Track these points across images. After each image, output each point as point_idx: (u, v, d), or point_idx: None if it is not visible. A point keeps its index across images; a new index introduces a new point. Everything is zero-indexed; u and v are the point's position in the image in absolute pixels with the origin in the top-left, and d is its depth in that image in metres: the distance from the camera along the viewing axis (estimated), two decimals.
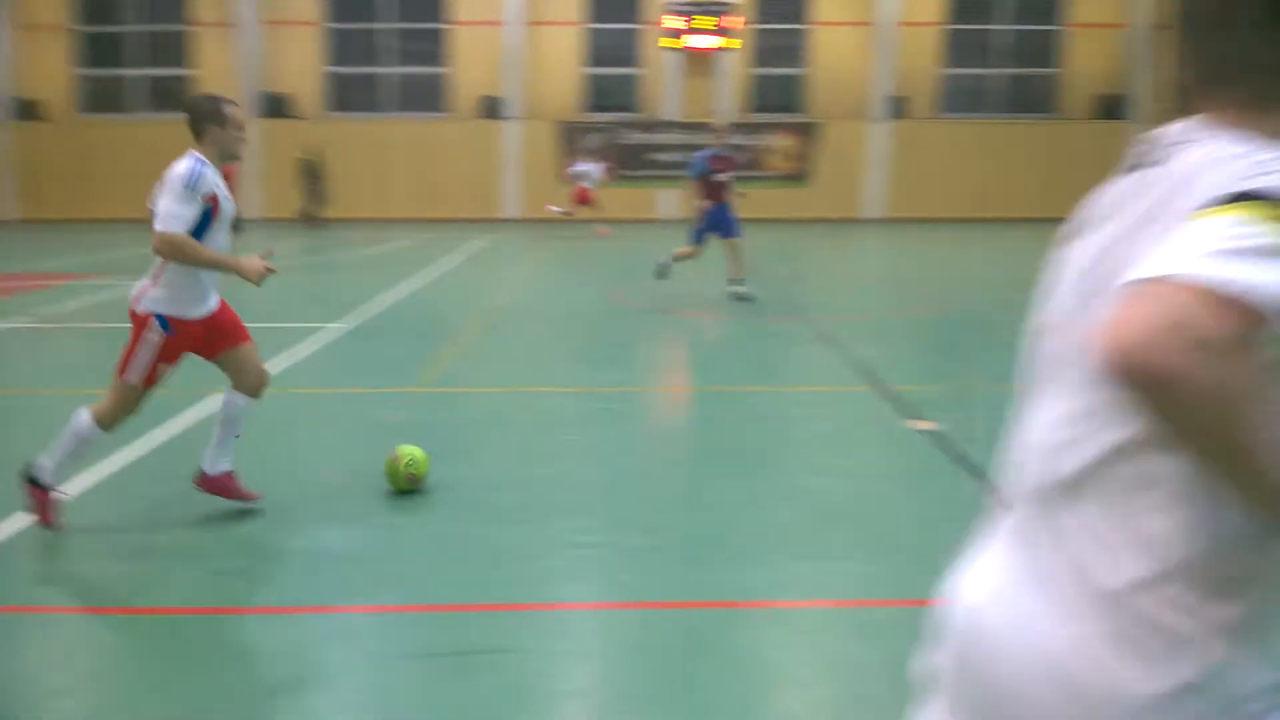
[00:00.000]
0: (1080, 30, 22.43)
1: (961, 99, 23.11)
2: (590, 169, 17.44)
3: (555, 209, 17.90)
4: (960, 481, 4.57)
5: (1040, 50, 22.85)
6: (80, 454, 3.78)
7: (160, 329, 3.65)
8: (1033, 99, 22.94)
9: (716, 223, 9.59)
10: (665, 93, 21.96)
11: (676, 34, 20.90)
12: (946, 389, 6.51)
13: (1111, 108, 22.17)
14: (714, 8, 20.83)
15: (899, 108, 22.03)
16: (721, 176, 9.56)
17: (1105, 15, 22.32)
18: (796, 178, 22.23)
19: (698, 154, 9.72)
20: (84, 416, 3.68)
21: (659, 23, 21.13)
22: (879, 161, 22.15)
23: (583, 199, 17.29)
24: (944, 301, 10.25)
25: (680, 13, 20.83)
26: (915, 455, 5.02)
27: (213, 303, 3.81)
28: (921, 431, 5.32)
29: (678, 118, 21.95)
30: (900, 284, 11.95)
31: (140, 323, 3.65)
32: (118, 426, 3.80)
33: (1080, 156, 22.01)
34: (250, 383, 3.89)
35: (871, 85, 22.06)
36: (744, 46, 22.20)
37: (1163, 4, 21.86)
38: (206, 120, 3.75)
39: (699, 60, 21.80)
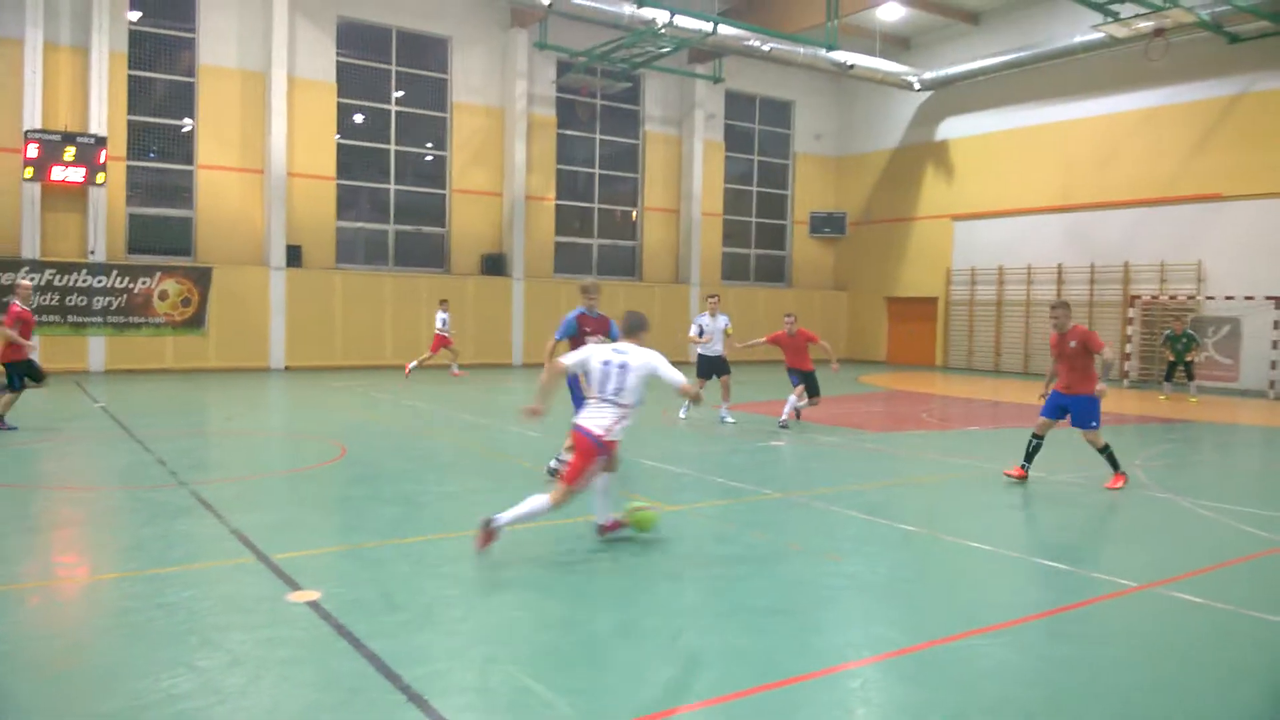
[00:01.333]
0: (463, 195, 24.75)
1: (360, 250, 23.88)
2: (445, 317, 20.13)
3: (456, 370, 20.52)
4: (341, 657, 4.41)
5: (432, 211, 24.68)
6: (528, 521, 6.26)
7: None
8: (427, 254, 24.56)
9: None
10: (24, 229, 19.21)
11: (38, 165, 18.51)
12: (332, 552, 6.37)
13: (495, 265, 24.64)
14: (82, 139, 18.91)
15: (295, 256, 21.99)
16: (591, 339, 8.82)
17: (485, 185, 24.96)
18: (190, 324, 20.80)
19: (569, 315, 8.98)
20: (544, 500, 6.18)
21: (23, 151, 18.53)
22: (278, 309, 21.74)
23: (443, 343, 20.09)
24: (341, 453, 10.16)
25: (42, 142, 18.53)
26: (296, 633, 4.75)
27: None
28: (303, 604, 5.09)
29: (40, 256, 19.29)
30: (296, 438, 11.64)
31: (610, 447, 6.31)
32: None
33: (468, 308, 24.06)
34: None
35: (266, 232, 21.75)
36: (121, 184, 20.49)
37: (532, 180, 25.17)
38: (642, 329, 6.68)
39: (66, 195, 19.56)
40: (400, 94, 24.08)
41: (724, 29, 23.20)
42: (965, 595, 5.88)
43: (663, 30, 22.19)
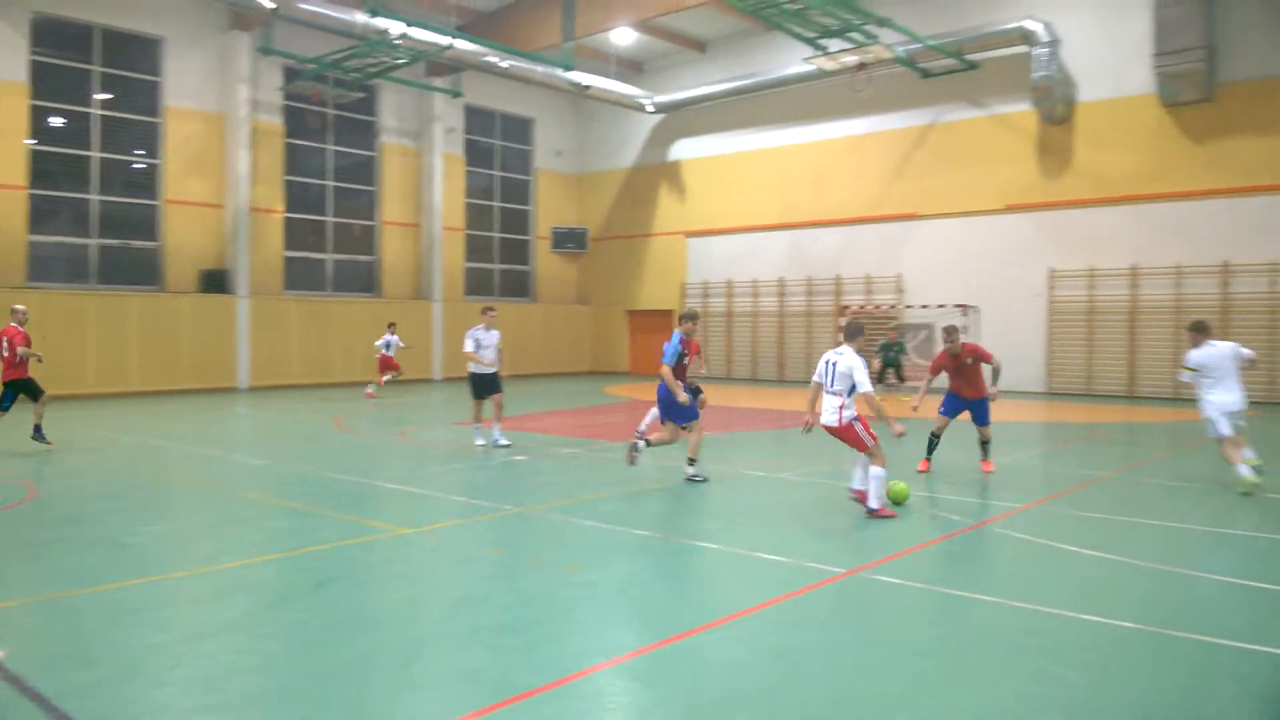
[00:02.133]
0: (179, 207, 22.95)
1: (58, 267, 21.54)
2: (392, 339, 21.18)
3: (370, 390, 21.01)
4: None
5: (143, 223, 22.70)
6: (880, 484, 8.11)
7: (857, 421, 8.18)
8: (137, 270, 22.55)
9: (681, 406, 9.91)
10: None
11: None
12: (17, 605, 5.69)
13: (216, 282, 23.01)
14: None
15: None
16: (688, 360, 10.18)
17: (204, 196, 23.29)
18: None
19: (673, 340, 10.03)
20: (874, 469, 8.04)
21: None
22: None
23: (387, 365, 21.18)
24: (29, 495, 9.10)
25: None
26: None
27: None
28: None
29: None
30: None
31: (850, 427, 8.13)
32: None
33: (184, 328, 22.31)
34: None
35: None
36: None
37: (257, 191, 23.78)
38: (859, 334, 8.38)
39: None
40: (106, 96, 22.01)
41: (462, 44, 23.05)
42: (696, 593, 6.15)
43: (398, 41, 21.72)
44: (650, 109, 28.98)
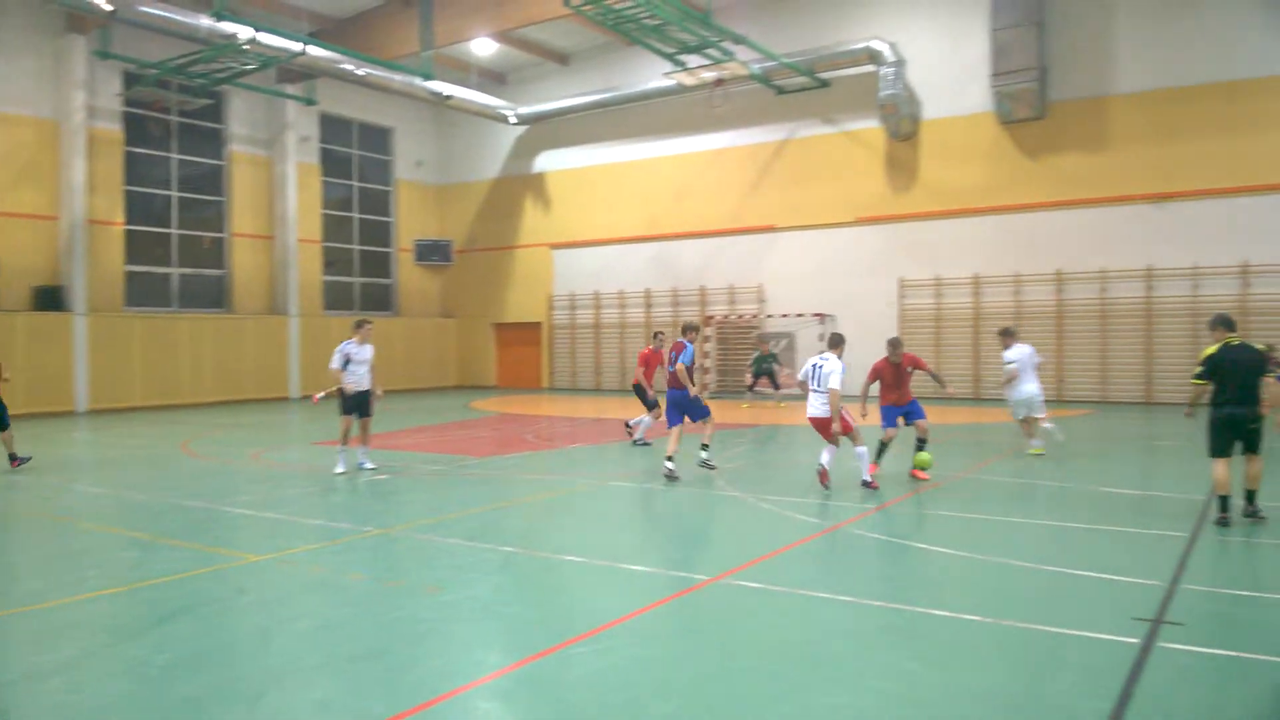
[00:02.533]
0: (8, 219, 21.43)
1: None
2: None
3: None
4: None
5: None
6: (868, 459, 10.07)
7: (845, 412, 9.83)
8: None
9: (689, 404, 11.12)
10: None
11: None
12: None
13: (51, 299, 21.57)
14: None
15: None
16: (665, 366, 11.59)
17: (35, 207, 21.81)
18: None
19: (689, 349, 11.02)
20: (859, 448, 9.86)
21: None
22: None
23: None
24: None
25: None
26: None
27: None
28: None
29: None
30: None
31: (840, 417, 9.74)
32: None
33: (17, 349, 20.79)
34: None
35: None
36: None
37: (95, 202, 22.43)
38: (841, 343, 9.94)
39: None
40: None
41: (315, 50, 22.37)
42: (560, 608, 6.12)
43: (246, 47, 20.89)
44: (513, 120, 28.84)
